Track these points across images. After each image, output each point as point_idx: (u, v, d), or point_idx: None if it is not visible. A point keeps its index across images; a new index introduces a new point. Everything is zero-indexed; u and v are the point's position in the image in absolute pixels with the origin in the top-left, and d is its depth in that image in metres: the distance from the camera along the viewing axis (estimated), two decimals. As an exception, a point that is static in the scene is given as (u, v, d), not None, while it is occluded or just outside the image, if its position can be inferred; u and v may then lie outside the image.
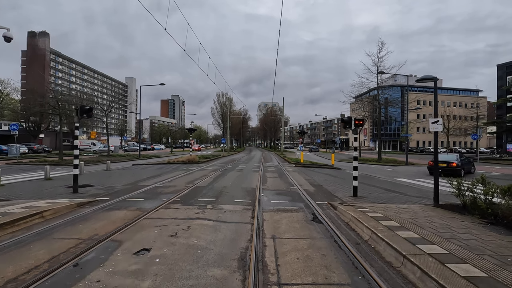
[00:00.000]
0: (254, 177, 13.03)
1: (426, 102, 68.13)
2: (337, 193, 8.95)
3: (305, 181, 11.88)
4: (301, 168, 18.89)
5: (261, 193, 8.66)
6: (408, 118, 26.32)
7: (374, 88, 30.32)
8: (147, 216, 5.81)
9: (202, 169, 16.85)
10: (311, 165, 20.31)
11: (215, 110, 59.00)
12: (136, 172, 15.27)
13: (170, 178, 12.45)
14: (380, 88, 28.49)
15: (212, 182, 11.26)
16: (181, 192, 8.70)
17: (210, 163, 22.00)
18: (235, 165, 20.71)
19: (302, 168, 18.47)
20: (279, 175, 14.32)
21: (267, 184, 10.74)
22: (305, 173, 15.51)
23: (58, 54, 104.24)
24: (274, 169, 17.42)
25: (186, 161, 21.41)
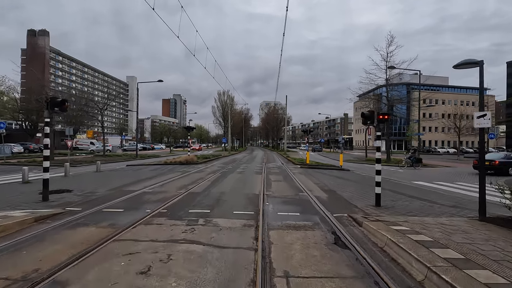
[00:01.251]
0: (256, 181, 11.66)
1: (433, 100, 66.44)
2: (356, 202, 7.57)
3: (314, 185, 10.50)
4: (307, 169, 17.50)
5: (266, 201, 7.29)
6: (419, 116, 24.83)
7: (382, 85, 28.86)
8: (118, 236, 4.46)
9: (199, 171, 15.50)
10: (317, 166, 18.91)
11: (216, 108, 57.72)
12: (127, 174, 13.95)
13: (163, 181, 11.10)
14: (389, 85, 27.01)
15: (209, 186, 9.90)
16: (171, 200, 7.34)
17: (210, 164, 20.65)
18: (236, 166, 19.36)
19: (309, 170, 17.07)
20: (284, 177, 12.94)
21: (271, 189, 9.37)
22: (313, 175, 14.12)
23: (58, 53, 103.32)
24: (278, 171, 16.04)
25: (183, 161, 20.08)
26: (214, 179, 11.85)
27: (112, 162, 22.60)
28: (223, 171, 15.33)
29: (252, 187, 9.85)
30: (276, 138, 75.49)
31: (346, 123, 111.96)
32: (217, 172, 14.86)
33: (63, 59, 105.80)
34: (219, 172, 14.65)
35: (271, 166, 19.23)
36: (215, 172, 14.58)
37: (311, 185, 10.53)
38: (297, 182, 11.15)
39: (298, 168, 17.98)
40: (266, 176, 13.05)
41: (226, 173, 14.51)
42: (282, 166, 19.47)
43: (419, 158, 20.38)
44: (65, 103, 7.19)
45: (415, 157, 20.14)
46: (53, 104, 7.01)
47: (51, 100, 7.04)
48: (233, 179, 11.96)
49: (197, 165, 19.61)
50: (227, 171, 15.35)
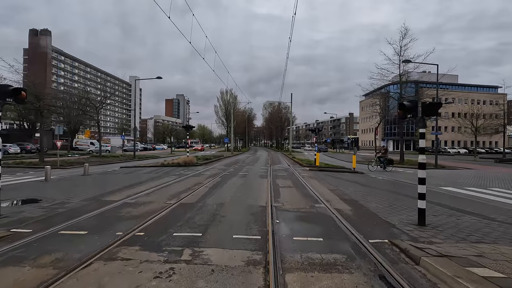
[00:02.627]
0: (261, 187, 10.05)
1: (442, 99, 64.23)
2: (389, 217, 5.93)
3: (331, 194, 8.86)
4: (317, 172, 15.85)
5: (275, 218, 5.68)
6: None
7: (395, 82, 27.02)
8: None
9: (198, 174, 13.94)
10: (328, 169, 17.27)
11: (219, 108, 56.28)
12: (115, 178, 12.45)
13: (153, 187, 9.54)
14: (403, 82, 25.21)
15: (206, 195, 8.30)
16: (155, 215, 5.77)
17: (210, 166, 19.10)
18: (239, 168, 17.78)
19: (319, 173, 15.42)
20: (294, 182, 11.32)
21: (281, 199, 7.75)
22: (325, 179, 12.47)
23: (60, 53, 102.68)
24: (286, 174, 14.43)
25: (182, 163, 18.56)
26: (212, 185, 10.27)
27: (107, 164, 21.17)
28: (224, 175, 13.75)
29: (256, 196, 8.24)
30: (280, 138, 73.85)
31: (352, 123, 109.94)
32: (217, 175, 13.27)
33: (65, 58, 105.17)
34: (219, 176, 13.07)
35: (277, 168, 17.62)
36: (214, 176, 13.00)
37: (327, 193, 8.89)
38: (310, 189, 9.53)
39: (307, 171, 16.34)
40: (273, 181, 11.44)
41: (227, 177, 12.92)
42: (288, 168, 17.86)
43: (390, 159, 17.99)
44: (20, 92, 5.65)
45: (386, 157, 17.84)
46: (4, 94, 5.47)
47: (1, 88, 5.51)
48: (234, 185, 10.37)
49: (196, 167, 18.06)
50: (228, 175, 13.77)
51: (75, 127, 55.33)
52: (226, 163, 22.35)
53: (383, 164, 17.50)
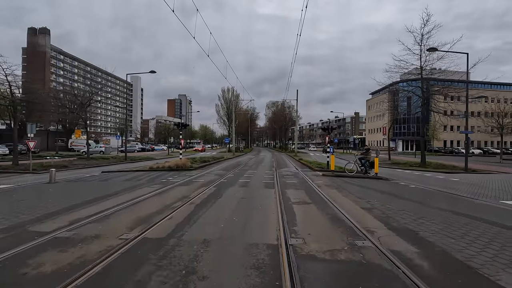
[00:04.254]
0: (268, 204, 7.41)
1: (455, 97, 61.19)
2: (497, 275, 3.28)
3: (367, 214, 6.19)
4: (333, 178, 13.18)
5: (298, 280, 3.07)
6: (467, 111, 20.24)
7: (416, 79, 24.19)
8: None
9: (188, 182, 11.34)
10: (344, 174, 14.58)
11: (220, 107, 53.78)
12: (80, 190, 9.92)
13: (118, 205, 6.91)
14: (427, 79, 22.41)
15: (186, 222, 5.58)
16: (79, 277, 3.18)
17: (206, 170, 16.51)
18: (239, 173, 15.16)
19: (336, 179, 12.75)
20: (310, 195, 8.65)
21: (299, 229, 5.09)
22: (347, 189, 9.80)
23: (60, 52, 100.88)
24: (296, 182, 11.79)
25: (173, 166, 16.00)
26: (202, 200, 7.64)
27: (90, 167, 18.71)
28: (220, 183, 11.14)
29: (262, 222, 5.61)
30: (284, 138, 71.20)
31: (358, 123, 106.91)
32: (211, 184, 10.66)
33: (64, 58, 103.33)
34: (214, 185, 10.45)
35: (285, 173, 14.99)
36: (208, 185, 10.39)
37: (363, 214, 6.23)
38: (335, 207, 6.87)
39: (320, 177, 13.69)
40: (282, 193, 8.81)
41: (223, 186, 10.30)
42: (298, 173, 15.23)
43: (372, 161, 14.41)
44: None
45: (367, 159, 14.41)
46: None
47: None
48: (231, 201, 7.72)
49: (190, 171, 15.48)
50: (225, 183, 11.15)
51: (70, 127, 53.35)
52: (225, 166, 19.77)
53: (364, 167, 14.41)
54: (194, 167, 17.08)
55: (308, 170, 17.09)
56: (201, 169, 16.77)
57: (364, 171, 14.68)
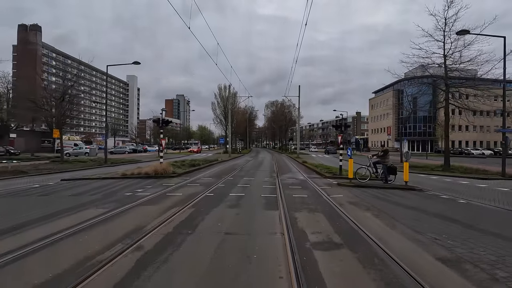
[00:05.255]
0: (269, 248, 4.30)
1: (463, 96, 58.28)
2: None
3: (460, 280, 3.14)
4: (355, 190, 10.11)
5: None
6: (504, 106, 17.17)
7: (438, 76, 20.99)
8: None
9: (158, 198, 8.24)
10: (363, 182, 11.53)
11: (216, 105, 50.75)
12: (7, 208, 6.83)
13: (33, 244, 3.86)
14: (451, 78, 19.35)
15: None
16: None
17: (192, 177, 13.42)
18: (232, 181, 12.08)
19: (359, 192, 9.67)
20: (337, 228, 5.45)
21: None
22: (391, 214, 6.67)
23: (52, 50, 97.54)
24: (307, 196, 8.71)
25: (151, 173, 12.92)
26: (159, 241, 4.50)
27: (56, 173, 15.67)
28: (203, 199, 8.08)
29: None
30: (284, 139, 68.21)
31: (359, 123, 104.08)
32: (189, 201, 7.57)
33: (57, 56, 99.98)
34: (191, 203, 7.35)
35: (289, 182, 11.93)
36: (184, 203, 7.29)
37: (456, 283, 3.17)
38: (392, 259, 3.79)
39: (336, 187, 10.66)
40: (291, 220, 5.73)
41: (205, 206, 7.21)
42: (305, 182, 12.19)
43: (393, 166, 11.53)
44: None
45: (385, 163, 11.47)
46: None
47: None
48: (207, 244, 4.50)
49: (171, 179, 12.38)
50: (210, 199, 8.09)
51: (57, 127, 50.11)
52: (217, 171, 16.70)
53: (384, 174, 11.47)
54: (178, 173, 13.99)
55: (317, 177, 14.05)
56: (186, 176, 13.69)
57: (384, 179, 11.71)
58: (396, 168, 11.85)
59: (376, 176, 12.13)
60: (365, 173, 12.13)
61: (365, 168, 12.16)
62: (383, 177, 11.96)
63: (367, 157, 12.59)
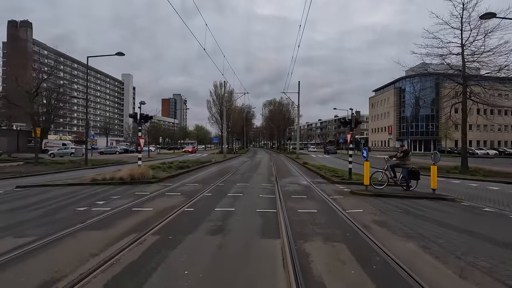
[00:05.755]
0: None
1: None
2: None
3: None
4: (375, 201, 8.07)
5: None
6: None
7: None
8: None
9: (118, 217, 6.10)
10: (381, 191, 9.51)
11: (212, 103, 48.59)
12: None
13: None
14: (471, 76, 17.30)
15: None
16: None
17: (175, 183, 11.29)
18: (223, 188, 9.99)
19: (381, 204, 7.62)
20: (374, 278, 3.51)
21: None
22: (454, 249, 4.59)
23: (43, 47, 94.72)
24: (317, 211, 6.65)
25: (126, 178, 10.80)
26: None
27: (25, 177, 13.55)
28: (178, 215, 6.01)
29: None
30: (283, 138, 66.20)
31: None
32: (158, 222, 5.46)
33: (48, 53, 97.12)
34: (158, 226, 5.25)
35: (291, 189, 9.87)
36: (149, 226, 5.18)
37: None
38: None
39: (349, 197, 8.61)
40: (299, 260, 3.69)
41: (178, 230, 5.13)
42: (311, 189, 10.13)
43: (414, 170, 9.62)
44: None
45: (406, 166, 9.67)
46: None
47: None
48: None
49: (148, 186, 10.27)
50: (188, 217, 6.01)
51: (44, 126, 47.70)
52: (207, 175, 14.60)
53: (403, 180, 9.68)
54: (159, 177, 11.86)
55: (323, 182, 12.00)
56: (168, 182, 11.57)
57: (405, 185, 9.75)
58: (419, 172, 9.87)
59: (395, 181, 10.16)
60: (381, 178, 10.14)
61: (381, 172, 10.17)
62: (403, 183, 10.00)
63: (384, 159, 10.56)
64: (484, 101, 17.90)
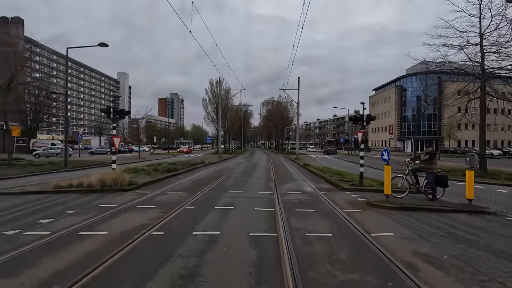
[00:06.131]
0: None
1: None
2: None
3: None
4: (401, 216, 6.35)
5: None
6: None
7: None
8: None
9: (55, 246, 4.28)
10: (407, 202, 7.78)
11: (208, 101, 46.80)
12: None
13: None
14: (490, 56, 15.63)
15: None
16: None
17: (155, 190, 9.47)
18: (210, 198, 8.19)
19: (411, 220, 5.89)
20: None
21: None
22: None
23: (35, 44, 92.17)
24: (331, 232, 4.88)
25: (96, 184, 8.98)
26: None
27: None
28: (139, 246, 4.23)
29: None
30: (281, 138, 64.50)
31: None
32: (104, 259, 3.72)
33: (40, 51, 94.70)
34: (99, 268, 3.52)
35: (294, 199, 8.10)
36: (85, 268, 3.45)
37: None
38: None
39: (367, 209, 6.88)
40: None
41: (125, 278, 3.38)
42: (318, 198, 8.38)
43: (443, 175, 8.12)
44: None
45: (432, 171, 8.07)
46: None
47: None
48: None
49: (120, 195, 8.44)
50: (152, 249, 4.22)
51: (32, 125, 45.62)
52: (195, 180, 12.78)
53: (427, 186, 8.12)
54: (137, 183, 10.04)
55: (330, 189, 10.25)
56: (146, 189, 9.75)
57: (432, 194, 8.10)
58: (447, 178, 8.21)
59: (418, 189, 8.47)
60: (402, 184, 8.43)
61: (401, 177, 8.47)
62: (428, 190, 8.31)
63: (405, 162, 8.85)
64: (506, 97, 16.27)
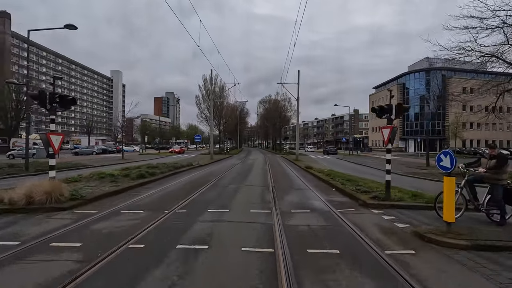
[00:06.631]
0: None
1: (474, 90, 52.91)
2: None
3: None
4: (496, 272, 3.79)
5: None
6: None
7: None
8: None
9: None
10: (479, 232, 5.21)
11: (201, 99, 44.08)
12: None
13: None
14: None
15: None
16: None
17: (107, 209, 6.82)
18: (180, 223, 5.57)
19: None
20: None
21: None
22: None
23: (23, 40, 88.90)
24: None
25: (19, 200, 6.29)
26: None
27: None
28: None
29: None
30: (279, 137, 61.99)
31: (357, 121, 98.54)
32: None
33: (29, 47, 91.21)
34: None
35: (301, 225, 5.49)
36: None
37: None
38: None
39: (426, 251, 4.26)
40: None
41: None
42: (338, 223, 5.75)
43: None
44: None
45: (500, 182, 5.63)
46: None
47: None
48: None
49: (47, 219, 5.77)
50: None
51: (12, 123, 42.65)
52: (171, 189, 10.12)
53: (491, 204, 5.80)
54: (84, 197, 7.33)
55: (346, 203, 7.66)
56: (94, 206, 7.09)
57: (501, 215, 5.64)
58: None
59: (476, 206, 5.95)
60: (457, 200, 5.88)
61: (459, 189, 5.94)
62: (492, 209, 5.82)
63: (459, 169, 6.29)
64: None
